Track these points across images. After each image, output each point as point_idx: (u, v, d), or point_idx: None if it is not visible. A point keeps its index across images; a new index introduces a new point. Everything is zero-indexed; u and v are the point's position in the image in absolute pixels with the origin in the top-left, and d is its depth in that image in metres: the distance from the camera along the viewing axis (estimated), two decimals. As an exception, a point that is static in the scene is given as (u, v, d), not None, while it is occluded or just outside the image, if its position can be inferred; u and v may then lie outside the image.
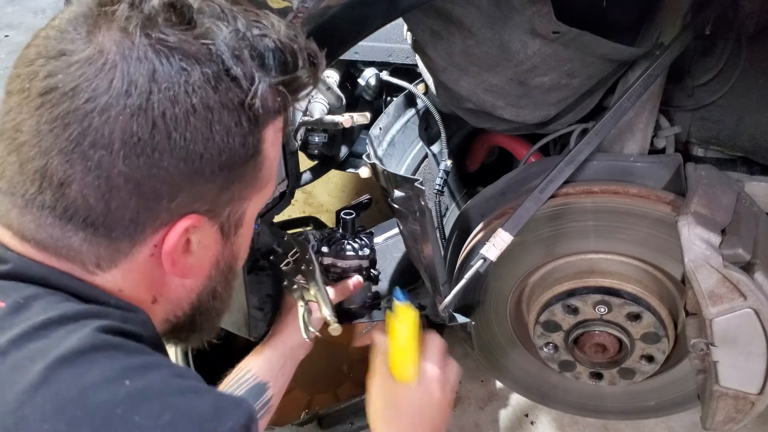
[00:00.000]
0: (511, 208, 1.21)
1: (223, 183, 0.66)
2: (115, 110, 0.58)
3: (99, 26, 0.60)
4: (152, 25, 0.60)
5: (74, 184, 0.59)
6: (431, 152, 1.64)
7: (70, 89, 0.58)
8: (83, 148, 0.58)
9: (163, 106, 0.59)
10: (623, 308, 1.20)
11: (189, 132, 0.61)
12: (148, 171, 0.60)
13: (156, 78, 0.59)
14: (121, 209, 0.62)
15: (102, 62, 0.59)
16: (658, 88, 1.19)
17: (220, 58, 0.63)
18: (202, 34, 0.62)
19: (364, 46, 1.64)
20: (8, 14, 4.30)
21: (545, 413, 1.81)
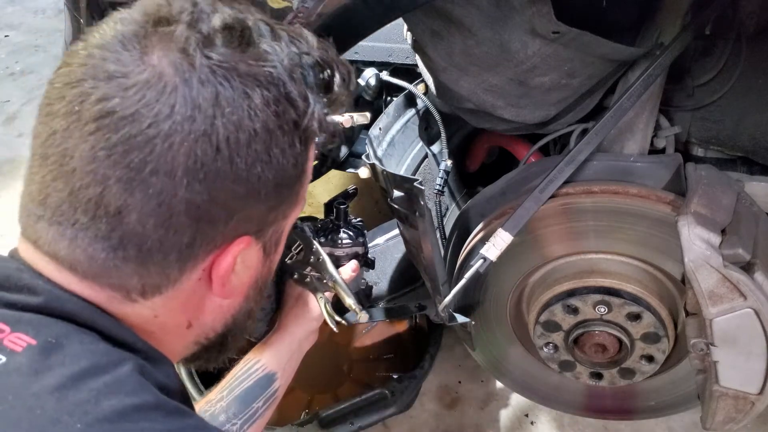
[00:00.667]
0: (511, 208, 1.21)
1: (273, 203, 0.66)
2: (180, 136, 0.56)
3: (154, 46, 0.58)
4: (211, 46, 0.58)
5: (133, 213, 0.57)
6: (431, 152, 1.64)
7: (130, 114, 0.55)
8: (144, 175, 0.56)
9: (227, 131, 0.58)
10: (623, 308, 1.20)
11: (250, 156, 0.60)
12: (208, 195, 0.59)
13: (219, 102, 0.57)
14: (178, 235, 0.60)
15: (162, 85, 0.56)
16: (658, 88, 1.19)
17: (280, 80, 0.62)
18: (261, 56, 0.61)
19: (364, 46, 1.64)
20: (8, 14, 4.30)
21: (545, 413, 1.81)
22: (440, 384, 1.92)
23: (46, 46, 3.88)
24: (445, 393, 1.90)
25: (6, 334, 0.56)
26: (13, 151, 3.03)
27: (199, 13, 0.60)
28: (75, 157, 0.56)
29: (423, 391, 1.85)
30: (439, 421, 1.83)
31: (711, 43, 1.23)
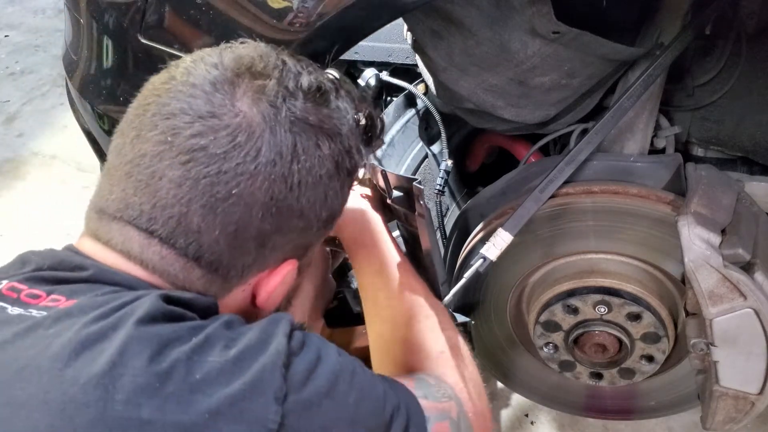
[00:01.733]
0: (511, 208, 1.21)
1: (319, 235, 0.78)
2: (262, 176, 0.66)
3: (245, 94, 0.67)
4: (294, 101, 0.69)
5: (211, 234, 0.66)
6: (431, 152, 1.64)
7: (222, 153, 0.64)
8: (226, 205, 0.65)
9: (300, 176, 0.69)
10: (623, 308, 1.20)
11: (312, 196, 0.71)
12: (275, 227, 0.69)
13: (297, 150, 0.68)
14: (242, 257, 0.70)
15: (251, 131, 0.65)
16: (658, 88, 1.19)
17: (346, 137, 0.74)
18: (332, 114, 0.72)
19: (364, 46, 1.64)
20: (8, 14, 4.30)
21: (545, 413, 1.81)
22: (440, 384, 1.92)
23: (46, 46, 3.88)
24: (445, 393, 1.90)
25: (43, 299, 0.63)
26: (13, 151, 3.03)
27: (287, 71, 0.71)
28: (163, 180, 0.65)
29: (423, 391, 1.85)
30: (439, 421, 1.83)
31: (711, 43, 1.23)
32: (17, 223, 2.56)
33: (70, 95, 1.49)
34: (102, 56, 1.22)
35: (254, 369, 0.59)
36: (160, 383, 0.55)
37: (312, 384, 0.62)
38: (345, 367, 0.67)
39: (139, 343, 0.57)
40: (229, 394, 0.56)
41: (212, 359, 0.58)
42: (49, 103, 3.35)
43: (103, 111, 1.25)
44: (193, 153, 0.64)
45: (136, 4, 1.06)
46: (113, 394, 0.53)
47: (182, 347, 0.58)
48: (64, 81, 1.51)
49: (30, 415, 0.52)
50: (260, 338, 0.62)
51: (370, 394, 0.68)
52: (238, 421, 0.56)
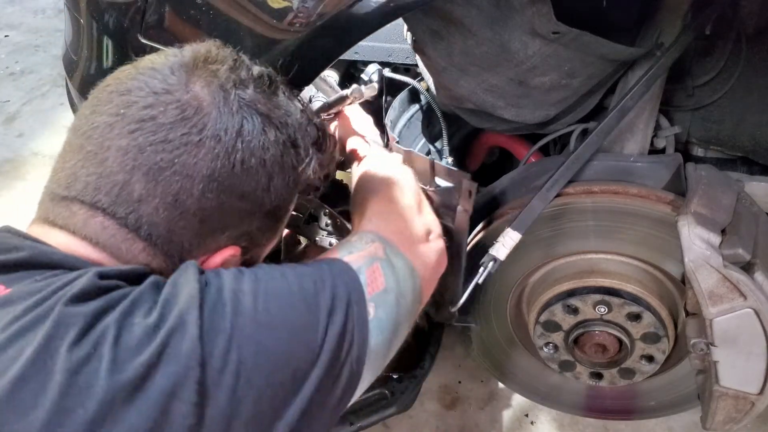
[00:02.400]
0: (511, 208, 1.21)
1: (263, 227, 0.79)
2: (206, 149, 0.69)
3: (198, 77, 0.71)
4: (245, 88, 0.73)
5: (152, 202, 0.68)
6: (435, 148, 1.64)
7: (169, 123, 0.68)
8: (168, 174, 0.68)
9: (243, 155, 0.71)
10: (623, 308, 1.20)
11: (255, 180, 0.73)
12: (216, 203, 0.71)
13: (242, 131, 0.71)
14: (181, 234, 0.71)
15: (200, 107, 0.69)
16: (658, 88, 1.19)
17: (293, 129, 0.77)
18: (280, 105, 0.76)
19: (364, 46, 1.64)
20: (8, 14, 4.30)
21: (545, 413, 1.80)
22: (440, 384, 1.92)
23: (46, 46, 3.88)
24: (445, 393, 1.90)
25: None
26: (13, 151, 3.03)
27: (241, 62, 0.76)
28: (111, 149, 0.68)
29: (423, 391, 1.85)
30: (439, 421, 1.83)
31: (711, 43, 1.23)
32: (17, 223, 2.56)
33: (70, 95, 1.48)
34: (102, 56, 1.22)
35: (173, 316, 0.61)
36: (94, 349, 0.57)
37: (222, 313, 0.64)
38: (248, 284, 0.69)
39: (71, 317, 0.59)
40: (155, 344, 0.59)
41: (137, 320, 0.61)
42: (49, 103, 3.35)
43: (103, 111, 1.25)
44: (142, 123, 0.67)
45: (136, 4, 1.06)
46: (52, 366, 0.55)
47: (112, 314, 0.60)
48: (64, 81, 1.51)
49: None
50: (173, 290, 0.65)
51: (281, 292, 0.70)
52: (167, 364, 0.59)
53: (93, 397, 0.55)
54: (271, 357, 0.65)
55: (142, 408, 0.57)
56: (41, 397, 0.54)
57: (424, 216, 0.99)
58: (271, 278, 0.71)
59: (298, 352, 0.68)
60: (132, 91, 0.69)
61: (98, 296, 0.62)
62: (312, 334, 0.69)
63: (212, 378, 0.60)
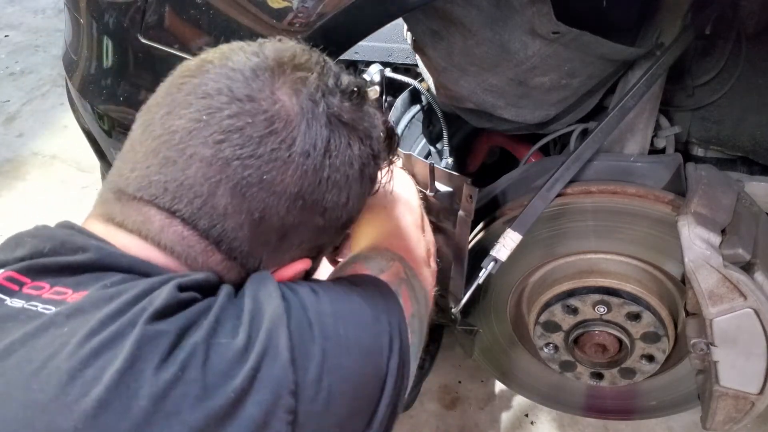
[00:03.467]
0: (511, 208, 1.21)
1: (334, 238, 0.77)
2: (295, 165, 0.65)
3: (285, 84, 0.66)
4: (333, 98, 0.69)
5: (236, 218, 0.65)
6: (435, 149, 1.64)
7: (258, 136, 0.63)
8: (255, 190, 0.64)
9: (330, 171, 0.68)
10: (623, 308, 1.20)
11: (337, 195, 0.70)
12: (298, 220, 0.68)
13: (330, 146, 0.67)
14: (261, 249, 0.68)
15: (289, 120, 0.65)
16: (658, 88, 1.19)
17: (376, 141, 0.74)
18: (366, 117, 0.73)
19: (364, 46, 1.64)
20: (8, 14, 4.30)
21: (545, 413, 1.80)
22: (440, 384, 1.92)
23: (46, 46, 3.88)
24: (445, 393, 1.90)
25: (46, 290, 0.60)
26: (13, 151, 3.03)
27: (328, 69, 0.71)
28: (194, 157, 0.63)
29: (423, 391, 1.85)
30: (439, 421, 1.83)
31: (711, 43, 1.23)
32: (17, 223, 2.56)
33: (70, 95, 1.48)
34: (102, 56, 1.22)
35: (261, 338, 0.58)
36: (182, 372, 0.54)
37: (311, 335, 0.62)
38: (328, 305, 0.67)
39: (156, 336, 0.55)
40: (247, 369, 0.56)
41: (225, 340, 0.58)
42: (49, 103, 3.35)
43: (103, 111, 1.25)
44: (229, 133, 0.63)
45: (136, 4, 1.06)
46: (136, 390, 0.52)
47: (198, 333, 0.57)
48: (64, 81, 1.51)
49: (53, 419, 0.51)
50: (255, 306, 0.62)
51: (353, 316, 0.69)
52: (259, 391, 0.56)
53: (182, 425, 0.52)
54: (352, 384, 0.64)
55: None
56: (124, 422, 0.51)
57: (427, 235, 0.99)
58: (342, 299, 0.69)
59: (371, 380, 0.67)
60: (212, 95, 0.64)
61: (179, 310, 0.59)
62: (379, 359, 0.68)
63: (304, 407, 0.58)
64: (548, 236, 1.22)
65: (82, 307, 0.57)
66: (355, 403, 0.64)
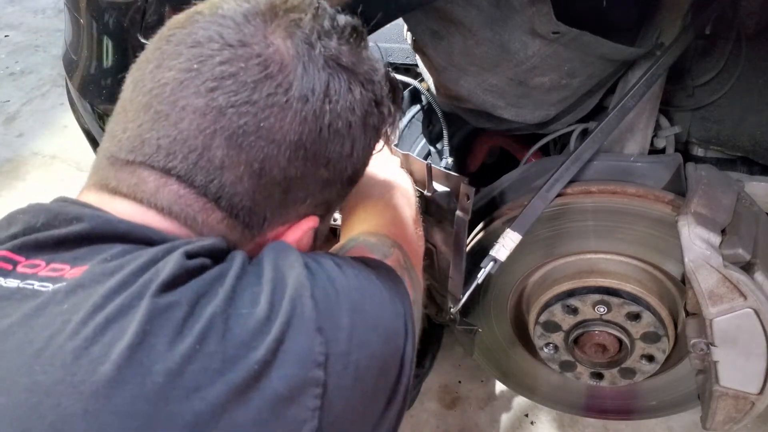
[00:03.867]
0: (511, 208, 1.21)
1: (341, 193, 0.72)
2: (293, 111, 0.61)
3: (279, 27, 0.62)
4: (329, 40, 0.65)
5: (235, 170, 0.61)
6: (435, 149, 1.64)
7: (252, 81, 0.59)
8: (252, 139, 0.60)
9: (330, 118, 0.64)
10: (623, 308, 1.20)
11: (340, 144, 0.66)
12: (301, 172, 0.64)
13: (329, 90, 0.63)
14: (263, 204, 0.64)
15: (284, 64, 0.61)
16: (658, 88, 1.19)
17: (378, 86, 0.69)
18: (366, 60, 0.68)
19: (385, 60, 1.64)
20: (8, 14, 4.30)
21: (545, 413, 1.80)
22: (440, 384, 1.92)
23: (46, 46, 3.88)
24: (445, 393, 1.90)
25: (42, 267, 0.57)
26: (13, 151, 3.03)
27: (323, 10, 0.66)
28: (186, 109, 0.59)
29: (423, 391, 1.85)
30: (439, 420, 1.83)
31: (711, 43, 1.23)
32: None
33: (70, 95, 1.49)
34: (102, 56, 1.22)
35: (285, 307, 0.55)
36: (200, 344, 0.50)
37: (338, 306, 0.59)
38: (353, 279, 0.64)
39: (167, 308, 0.52)
40: (270, 340, 0.53)
41: (245, 310, 0.54)
42: (49, 103, 3.35)
43: (103, 111, 1.25)
44: (221, 80, 0.59)
45: (136, 4, 1.06)
46: (149, 366, 0.48)
47: (213, 301, 0.54)
48: (64, 81, 1.51)
49: (59, 402, 0.47)
50: (277, 275, 0.59)
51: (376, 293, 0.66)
52: (285, 364, 0.53)
53: (202, 400, 0.49)
54: (377, 361, 0.61)
55: (254, 410, 0.50)
56: (139, 401, 0.47)
57: (420, 232, 0.98)
58: (365, 277, 0.66)
59: (392, 360, 0.64)
60: (203, 43, 0.60)
61: (189, 279, 0.55)
62: (398, 340, 0.65)
63: (334, 380, 0.55)
64: (548, 236, 1.22)
65: (83, 283, 0.54)
66: (380, 381, 0.62)
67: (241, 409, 0.50)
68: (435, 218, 1.15)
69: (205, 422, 0.48)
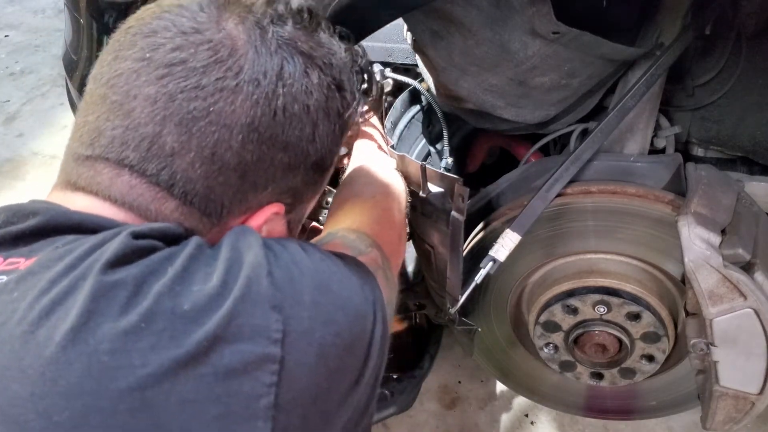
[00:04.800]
0: (510, 209, 1.21)
1: (308, 181, 0.71)
2: (243, 94, 0.61)
3: (231, 13, 0.63)
4: (283, 24, 0.65)
5: (186, 156, 0.61)
6: (435, 150, 1.64)
7: (201, 66, 0.60)
8: (203, 123, 0.60)
9: (285, 101, 0.63)
10: (623, 308, 1.20)
11: (299, 128, 0.66)
12: (257, 156, 0.64)
13: (283, 73, 0.63)
14: (220, 190, 0.64)
15: (234, 48, 0.61)
16: (658, 88, 1.19)
17: (336, 70, 0.69)
18: (323, 43, 0.68)
19: (363, 46, 1.64)
20: (8, 14, 4.30)
21: (545, 413, 1.81)
22: (440, 384, 1.92)
23: (46, 46, 3.88)
24: (445, 393, 1.90)
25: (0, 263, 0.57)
26: (13, 151, 3.03)
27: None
28: (138, 98, 0.60)
29: (423, 391, 1.85)
30: (439, 421, 1.83)
31: (711, 43, 1.23)
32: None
33: (70, 95, 1.49)
34: (102, 56, 1.22)
35: (240, 284, 0.55)
36: (146, 323, 0.50)
37: (300, 285, 0.59)
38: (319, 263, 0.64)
39: (112, 287, 0.52)
40: (221, 315, 0.52)
41: (197, 288, 0.54)
42: (49, 103, 3.35)
43: (103, 111, 1.25)
44: (171, 67, 0.60)
45: (136, 4, 1.06)
46: (96, 345, 0.49)
47: (161, 280, 0.54)
48: (64, 81, 1.51)
49: (8, 386, 0.48)
50: (234, 254, 0.58)
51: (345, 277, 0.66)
52: (238, 339, 0.52)
53: (151, 376, 0.49)
54: (343, 340, 0.60)
55: (204, 385, 0.50)
56: (87, 380, 0.48)
57: (403, 238, 0.98)
58: (332, 261, 0.66)
59: (359, 342, 0.63)
60: (158, 32, 0.61)
61: (138, 258, 0.55)
62: (366, 323, 0.65)
63: (293, 357, 0.54)
64: (548, 236, 1.22)
65: (32, 270, 0.54)
66: (345, 359, 0.61)
67: (190, 383, 0.50)
68: (431, 219, 1.15)
69: (153, 396, 0.49)
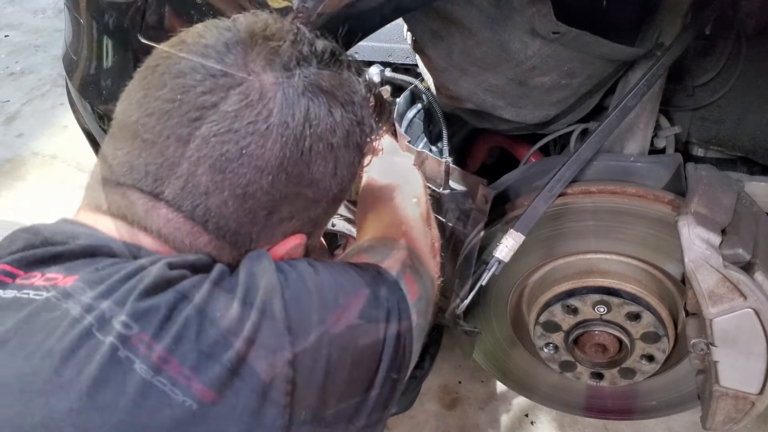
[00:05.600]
0: (511, 209, 1.21)
1: (328, 211, 0.75)
2: (274, 137, 0.64)
3: (258, 56, 0.65)
4: (308, 65, 0.68)
5: (219, 195, 0.64)
6: (436, 149, 1.64)
7: (233, 110, 0.63)
8: (235, 165, 0.63)
9: (311, 141, 0.66)
10: (622, 308, 1.20)
11: (323, 165, 0.69)
12: (285, 194, 0.67)
13: (309, 115, 0.66)
14: (249, 225, 0.67)
15: (264, 91, 0.64)
16: (658, 88, 1.19)
17: (358, 106, 0.72)
18: (345, 82, 0.71)
19: (364, 46, 1.64)
20: (8, 14, 4.30)
21: (545, 413, 1.81)
22: (440, 384, 1.92)
23: (46, 46, 3.88)
24: (445, 393, 1.90)
25: (38, 278, 0.60)
26: (13, 151, 3.03)
27: (302, 36, 0.70)
28: (171, 138, 0.63)
29: (423, 391, 1.85)
30: (439, 421, 1.83)
31: (711, 43, 1.23)
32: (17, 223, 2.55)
33: (70, 95, 1.49)
34: (102, 56, 1.22)
35: (256, 307, 0.59)
36: (176, 344, 0.55)
37: (309, 304, 0.63)
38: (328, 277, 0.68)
39: (146, 312, 0.56)
40: (243, 337, 0.57)
41: (219, 314, 0.58)
42: (49, 103, 3.35)
43: (103, 111, 1.26)
44: (203, 110, 0.62)
45: (136, 4, 1.06)
46: (130, 365, 0.53)
47: (189, 306, 0.58)
48: (64, 81, 1.51)
49: (48, 401, 0.51)
50: (251, 281, 0.63)
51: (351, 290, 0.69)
52: (258, 360, 0.56)
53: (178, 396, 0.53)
54: (351, 354, 0.64)
55: (228, 407, 0.55)
56: (121, 398, 0.52)
57: (433, 229, 1.00)
58: (340, 273, 0.70)
59: (369, 351, 0.67)
60: (186, 73, 0.64)
61: (169, 287, 0.59)
62: (377, 331, 0.68)
63: (303, 377, 0.59)
64: (548, 236, 1.22)
65: (73, 290, 0.58)
66: (354, 373, 0.65)
67: (217, 406, 0.54)
68: (445, 218, 1.14)
69: (188, 417, 0.53)
